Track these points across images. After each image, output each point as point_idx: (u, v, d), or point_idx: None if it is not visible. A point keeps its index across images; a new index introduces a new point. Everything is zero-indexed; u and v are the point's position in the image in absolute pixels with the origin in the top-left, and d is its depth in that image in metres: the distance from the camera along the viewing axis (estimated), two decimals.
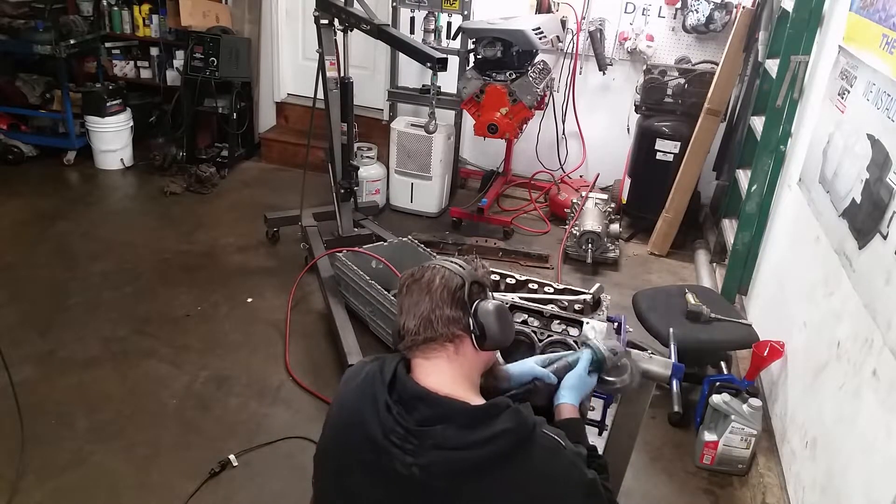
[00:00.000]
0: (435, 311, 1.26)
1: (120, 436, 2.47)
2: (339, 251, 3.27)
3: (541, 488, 1.16)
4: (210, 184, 4.59)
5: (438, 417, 1.19)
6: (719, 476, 2.53)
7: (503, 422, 1.18)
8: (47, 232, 3.87)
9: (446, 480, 1.16)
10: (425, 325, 1.25)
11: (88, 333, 3.02)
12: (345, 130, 3.61)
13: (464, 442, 1.16)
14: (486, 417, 1.19)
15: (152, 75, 5.09)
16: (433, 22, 4.30)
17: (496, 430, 1.16)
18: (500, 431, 1.16)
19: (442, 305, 1.26)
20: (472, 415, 1.20)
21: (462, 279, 1.29)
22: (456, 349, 1.27)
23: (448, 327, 1.26)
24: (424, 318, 1.26)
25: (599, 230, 3.89)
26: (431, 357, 1.26)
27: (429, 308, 1.26)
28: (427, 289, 1.27)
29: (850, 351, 2.02)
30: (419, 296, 1.27)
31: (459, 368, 1.27)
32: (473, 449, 1.15)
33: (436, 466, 1.16)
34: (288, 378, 2.85)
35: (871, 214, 1.95)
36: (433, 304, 1.26)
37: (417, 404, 1.21)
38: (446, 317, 1.26)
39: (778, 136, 3.12)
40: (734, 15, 4.07)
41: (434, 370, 1.26)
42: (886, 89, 1.99)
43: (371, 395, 1.25)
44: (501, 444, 1.15)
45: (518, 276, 1.89)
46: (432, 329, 1.25)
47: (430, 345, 1.26)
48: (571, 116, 4.80)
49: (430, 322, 1.25)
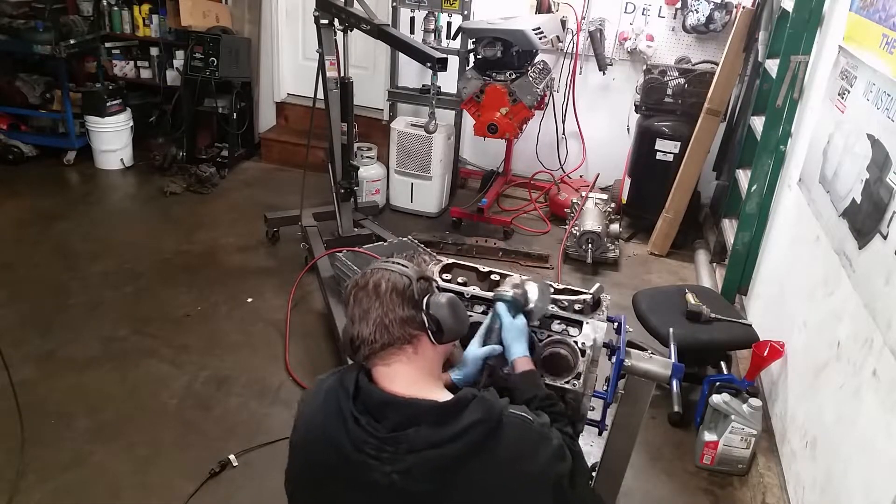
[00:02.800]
0: (388, 314, 1.24)
1: (120, 436, 2.47)
2: (339, 251, 3.26)
3: (517, 466, 1.19)
4: (210, 184, 4.59)
5: (409, 420, 1.19)
6: (719, 476, 2.53)
7: (472, 412, 1.19)
8: (47, 232, 3.87)
9: (428, 481, 1.17)
10: (380, 330, 1.23)
11: (88, 333, 3.02)
12: (345, 130, 3.61)
13: (438, 439, 1.17)
14: (455, 411, 1.19)
15: (152, 75, 5.09)
16: (433, 22, 4.30)
17: (467, 423, 1.17)
18: (472, 423, 1.17)
19: (394, 308, 1.24)
20: (442, 411, 1.20)
21: (408, 278, 1.27)
22: (415, 349, 1.26)
23: (404, 328, 1.24)
24: (378, 324, 1.23)
25: (599, 230, 3.89)
26: (392, 362, 1.25)
27: (381, 313, 1.24)
28: (375, 294, 1.25)
29: (850, 351, 2.02)
30: (368, 302, 1.25)
31: (421, 368, 1.27)
32: (448, 444, 1.16)
33: (416, 469, 1.16)
34: (288, 378, 2.85)
35: (871, 214, 1.95)
36: (384, 309, 1.24)
37: (385, 411, 1.20)
38: (400, 318, 1.24)
39: (778, 136, 3.12)
40: (734, 15, 4.07)
41: (396, 374, 1.25)
42: (886, 89, 1.99)
43: (335, 410, 1.23)
44: (474, 434, 1.17)
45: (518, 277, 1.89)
46: (388, 333, 1.23)
47: (389, 350, 1.25)
48: (571, 116, 4.80)
49: (384, 327, 1.23)
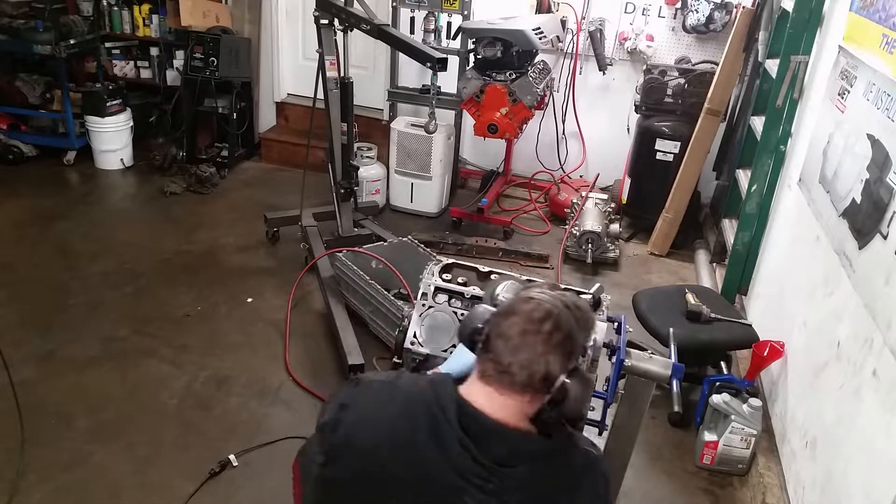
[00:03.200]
0: (540, 363, 1.13)
1: (120, 436, 2.47)
2: (339, 251, 3.27)
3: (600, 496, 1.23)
4: (210, 184, 4.59)
5: (515, 455, 1.14)
6: (719, 476, 2.53)
7: (575, 455, 1.20)
8: (47, 232, 3.87)
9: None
10: (521, 370, 1.13)
11: (88, 333, 3.02)
12: (345, 130, 3.61)
13: (544, 478, 1.15)
14: (560, 451, 1.19)
15: (152, 75, 5.09)
16: (433, 22, 4.30)
17: (573, 464, 1.19)
18: (577, 466, 1.19)
19: (548, 361, 1.13)
20: (551, 453, 1.18)
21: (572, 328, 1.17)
22: (531, 399, 1.16)
23: (542, 383, 1.14)
24: (524, 365, 1.13)
25: (599, 230, 3.89)
26: (505, 394, 1.15)
27: (534, 357, 1.13)
28: (545, 335, 1.14)
29: (850, 351, 2.02)
30: (533, 338, 1.14)
31: None
32: (551, 482, 1.16)
33: None
34: (288, 378, 2.85)
35: (871, 214, 1.95)
36: (542, 356, 1.13)
37: (490, 440, 1.13)
38: (545, 373, 1.13)
39: (778, 136, 3.12)
40: (734, 15, 4.07)
41: (502, 404, 1.15)
42: (886, 89, 1.99)
43: (429, 427, 1.14)
44: (576, 474, 1.19)
45: (518, 276, 1.89)
46: (530, 381, 1.13)
47: (515, 387, 1.15)
48: (571, 116, 4.80)
49: (530, 374, 1.13)
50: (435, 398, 1.16)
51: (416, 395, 1.19)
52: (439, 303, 1.78)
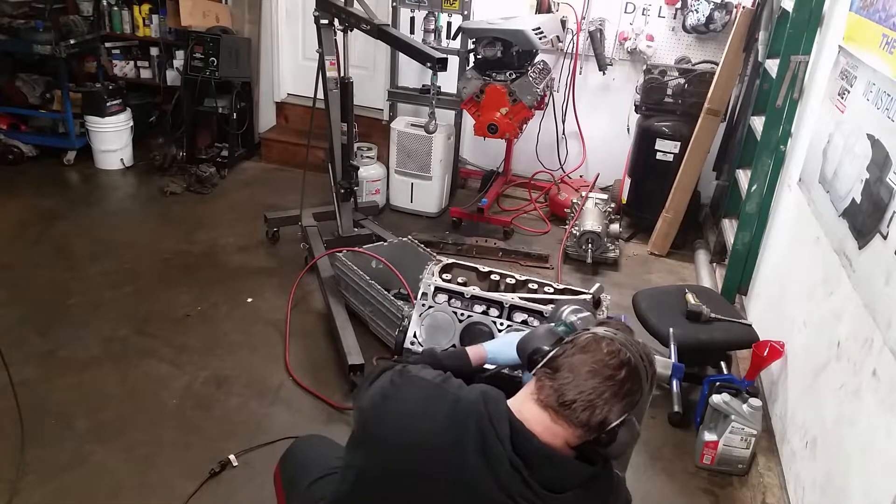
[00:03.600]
0: (602, 408, 1.14)
1: (120, 436, 2.47)
2: (339, 251, 3.27)
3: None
4: (210, 184, 4.59)
5: (564, 481, 1.15)
6: (719, 476, 2.53)
7: (610, 478, 1.22)
8: (47, 232, 3.87)
9: None
10: (584, 410, 1.14)
11: (88, 333, 3.02)
12: (345, 130, 3.61)
13: (586, 503, 1.18)
14: (602, 477, 1.20)
15: (152, 75, 5.09)
16: (433, 22, 4.30)
17: (609, 488, 1.22)
18: (612, 489, 1.22)
19: (612, 404, 1.15)
20: (597, 481, 1.19)
21: (642, 383, 1.18)
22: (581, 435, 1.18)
23: (598, 427, 1.16)
24: (587, 407, 1.14)
25: (599, 230, 3.89)
26: (559, 423, 1.16)
27: (600, 400, 1.14)
28: (612, 376, 1.15)
29: (850, 351, 2.02)
30: (604, 382, 1.15)
31: None
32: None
33: None
34: (288, 378, 2.85)
35: (871, 214, 1.95)
36: (606, 399, 1.15)
37: (543, 465, 1.14)
38: (603, 420, 1.15)
39: (778, 136, 3.12)
40: (734, 15, 4.07)
41: (553, 431, 1.17)
42: (886, 89, 1.99)
43: (477, 441, 1.13)
44: (609, 496, 1.22)
45: (518, 276, 1.89)
46: (588, 421, 1.15)
47: (571, 422, 1.16)
48: (571, 116, 4.80)
49: (591, 416, 1.14)
50: (487, 414, 1.16)
51: (466, 404, 1.17)
52: (439, 303, 1.78)
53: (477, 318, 1.71)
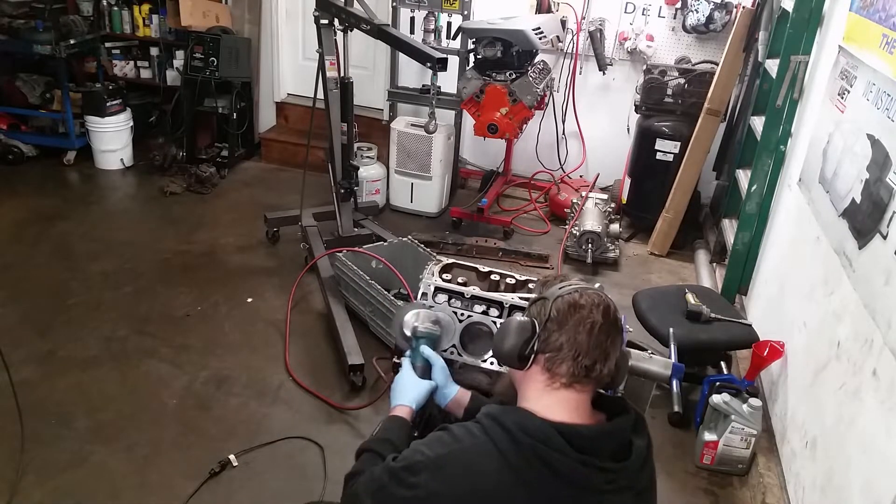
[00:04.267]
0: (612, 352, 1.19)
1: (120, 436, 2.47)
2: (339, 251, 3.27)
3: None
4: (210, 184, 4.59)
5: (622, 444, 1.19)
6: (719, 476, 2.53)
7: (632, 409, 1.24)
8: (47, 232, 3.87)
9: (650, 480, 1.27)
10: (602, 361, 1.18)
11: (88, 333, 3.02)
12: (345, 130, 3.61)
13: (645, 444, 1.23)
14: (633, 415, 1.23)
15: (152, 75, 5.09)
16: (433, 22, 4.30)
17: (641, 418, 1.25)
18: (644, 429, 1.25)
19: (616, 346, 1.20)
20: (632, 423, 1.22)
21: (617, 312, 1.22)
22: (597, 387, 1.22)
23: (613, 370, 1.21)
24: (603, 356, 1.18)
25: (599, 230, 3.89)
26: (584, 391, 1.20)
27: (612, 347, 1.19)
28: (605, 322, 1.18)
29: (850, 351, 2.02)
30: (615, 335, 1.20)
31: None
32: (647, 442, 1.24)
33: (644, 481, 1.24)
34: (288, 378, 2.85)
35: (870, 214, 1.95)
36: (611, 341, 1.19)
37: (601, 445, 1.16)
38: (614, 364, 1.20)
39: (778, 136, 3.12)
40: (734, 15, 4.07)
41: (577, 405, 1.19)
42: (886, 89, 1.99)
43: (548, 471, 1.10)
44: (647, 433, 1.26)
45: (518, 276, 1.89)
46: (607, 369, 1.19)
47: (595, 382, 1.20)
48: (571, 116, 4.80)
49: (606, 361, 1.19)
50: (534, 440, 1.12)
51: (507, 444, 1.12)
52: (439, 303, 1.78)
53: (477, 318, 1.71)
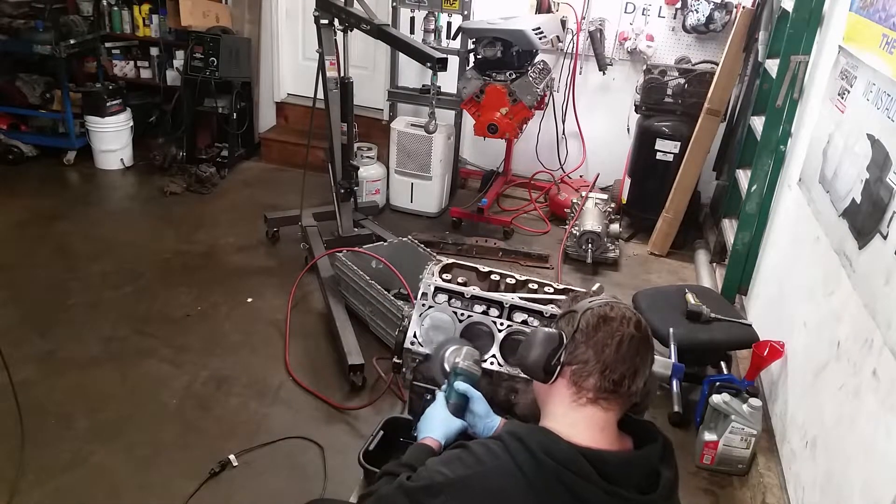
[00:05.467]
0: (643, 369, 1.15)
1: (120, 436, 2.47)
2: (339, 251, 3.27)
3: None
4: (210, 184, 4.59)
5: (650, 475, 1.14)
6: (719, 476, 2.53)
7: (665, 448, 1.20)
8: (47, 232, 3.87)
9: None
10: (631, 377, 1.14)
11: (88, 333, 3.02)
12: (345, 130, 3.61)
13: (672, 475, 1.18)
14: (668, 445, 1.19)
15: (152, 75, 5.09)
16: (433, 22, 4.30)
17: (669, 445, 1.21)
18: (672, 459, 1.20)
19: (646, 364, 1.17)
20: (661, 451, 1.18)
21: (650, 332, 1.19)
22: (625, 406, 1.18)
23: (642, 389, 1.17)
24: (633, 371, 1.14)
25: (599, 230, 3.89)
26: (610, 409, 1.16)
27: (642, 363, 1.15)
28: (636, 337, 1.14)
29: (850, 351, 2.01)
30: (645, 353, 1.16)
31: None
32: (675, 473, 1.19)
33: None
34: (288, 378, 2.85)
35: (871, 214, 1.95)
36: (641, 358, 1.15)
37: (629, 475, 1.11)
38: (644, 381, 1.16)
39: (778, 136, 3.12)
40: (734, 15, 4.07)
41: (604, 425, 1.15)
42: (886, 89, 1.99)
43: (573, 499, 1.06)
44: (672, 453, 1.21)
45: (518, 276, 1.89)
46: (636, 386, 1.15)
47: (625, 399, 1.16)
48: (571, 116, 4.80)
49: (635, 377, 1.14)
50: (561, 466, 1.07)
51: (532, 467, 1.07)
52: (439, 303, 1.78)
53: (477, 318, 1.71)
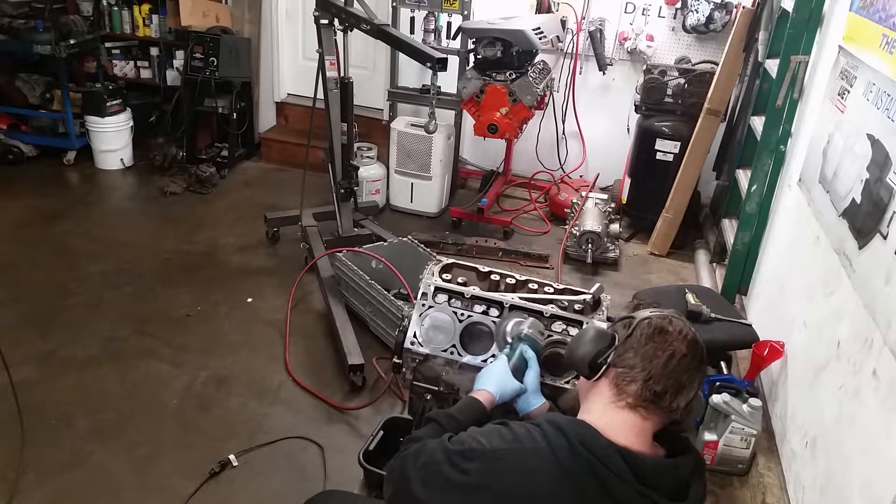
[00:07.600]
0: (690, 387, 1.15)
1: (120, 436, 2.47)
2: (339, 251, 3.27)
3: None
4: (210, 184, 4.59)
5: (681, 484, 1.15)
6: (719, 476, 2.52)
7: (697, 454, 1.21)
8: (47, 232, 3.87)
9: None
10: (675, 393, 1.14)
11: (88, 333, 3.02)
12: (345, 130, 3.61)
13: (700, 497, 1.18)
14: (696, 458, 1.19)
15: (152, 75, 5.09)
16: (433, 22, 4.30)
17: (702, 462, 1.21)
18: (703, 475, 1.20)
19: (693, 383, 1.16)
20: (694, 465, 1.18)
21: (704, 354, 1.18)
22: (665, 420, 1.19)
23: (685, 406, 1.17)
24: (678, 387, 1.14)
25: (599, 230, 3.89)
26: (649, 418, 1.16)
27: (690, 383, 1.15)
28: (688, 355, 1.14)
29: (850, 351, 2.01)
30: (694, 373, 1.15)
31: None
32: (704, 487, 1.19)
33: None
34: (288, 378, 2.85)
35: (871, 214, 1.95)
36: (692, 380, 1.15)
37: (662, 479, 1.12)
38: (689, 400, 1.16)
39: (778, 136, 3.12)
40: (734, 15, 4.07)
41: (640, 431, 1.15)
42: (886, 89, 1.99)
43: (602, 491, 1.07)
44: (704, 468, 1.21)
45: (518, 276, 1.89)
46: (678, 402, 1.15)
47: (665, 414, 1.16)
48: (571, 116, 4.80)
49: (679, 394, 1.14)
50: (595, 458, 1.08)
51: (565, 454, 1.08)
52: (439, 303, 1.78)
53: (477, 318, 1.71)
